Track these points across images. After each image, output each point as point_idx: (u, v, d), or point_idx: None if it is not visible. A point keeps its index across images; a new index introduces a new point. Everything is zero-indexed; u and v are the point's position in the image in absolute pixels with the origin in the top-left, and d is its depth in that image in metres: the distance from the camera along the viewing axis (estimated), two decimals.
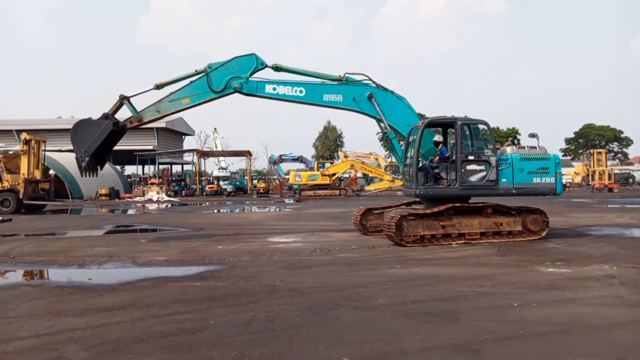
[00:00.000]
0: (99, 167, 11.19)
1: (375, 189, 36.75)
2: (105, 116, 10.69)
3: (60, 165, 34.44)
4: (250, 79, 10.77)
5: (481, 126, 10.24)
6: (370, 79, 10.99)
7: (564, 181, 45.14)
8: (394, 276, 6.72)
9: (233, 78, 10.65)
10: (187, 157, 55.00)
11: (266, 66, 10.90)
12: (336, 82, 10.96)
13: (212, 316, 4.89)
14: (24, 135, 22.67)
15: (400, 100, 11.03)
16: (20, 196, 21.07)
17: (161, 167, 50.04)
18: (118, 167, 48.33)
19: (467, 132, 10.13)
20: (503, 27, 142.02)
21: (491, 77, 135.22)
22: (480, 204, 9.90)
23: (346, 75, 10.97)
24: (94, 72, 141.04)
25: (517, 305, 5.11)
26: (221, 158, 49.82)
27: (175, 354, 3.88)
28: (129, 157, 48.16)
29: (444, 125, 10.81)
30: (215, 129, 55.34)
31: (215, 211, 23.12)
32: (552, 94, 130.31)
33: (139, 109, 10.85)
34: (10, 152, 26.26)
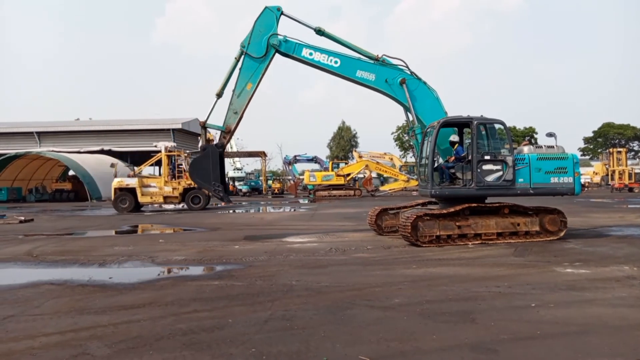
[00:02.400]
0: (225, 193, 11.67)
1: (390, 189, 36.62)
2: (203, 148, 11.31)
3: (80, 167, 35.07)
4: (289, 39, 11.00)
5: (497, 125, 10.16)
6: (406, 66, 11.04)
7: (582, 181, 44.25)
8: (410, 276, 6.73)
9: (270, 37, 10.90)
10: None
11: (282, 12, 11.07)
12: (372, 61, 11.02)
13: (230, 314, 4.96)
14: (209, 136, 24.47)
15: (431, 92, 11.03)
16: (207, 194, 22.94)
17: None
18: (135, 168, 48.96)
19: (484, 132, 10.06)
20: (519, 24, 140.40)
21: (507, 75, 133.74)
22: (497, 204, 9.83)
23: (383, 56, 11.05)
24: (110, 73, 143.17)
25: (534, 305, 5.08)
26: (236, 159, 50.13)
27: (196, 351, 3.95)
28: (146, 158, 48.76)
29: (460, 124, 10.75)
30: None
31: (231, 211, 23.30)
32: (570, 93, 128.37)
33: (219, 124, 11.21)
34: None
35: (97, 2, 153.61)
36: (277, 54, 11.14)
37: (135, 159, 50.45)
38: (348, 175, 37.39)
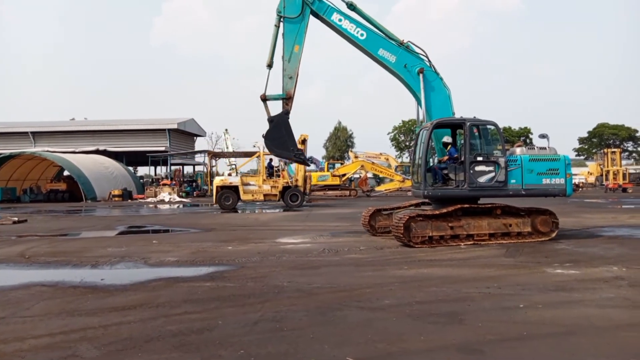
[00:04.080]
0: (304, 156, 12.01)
1: (385, 190, 36.69)
2: (271, 120, 11.22)
3: (75, 167, 34.94)
4: (323, 0, 11.12)
5: (490, 127, 10.23)
6: (427, 58, 11.10)
7: (577, 181, 44.27)
8: (401, 277, 6.76)
9: None
10: (199, 158, 55.37)
11: None
12: (396, 44, 11.13)
13: (221, 316, 4.98)
14: (303, 136, 24.92)
15: (445, 90, 11.08)
16: (303, 190, 24.73)
17: (173, 168, 50.47)
18: (131, 168, 48.86)
19: (476, 133, 10.12)
20: (516, 25, 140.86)
21: (504, 75, 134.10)
22: (489, 205, 9.89)
23: (408, 42, 11.16)
24: (105, 73, 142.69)
25: (523, 306, 5.13)
26: (232, 159, 50.10)
27: (185, 352, 3.97)
28: (142, 159, 48.67)
29: (453, 126, 10.80)
30: (226, 129, 55.44)
31: (226, 212, 23.29)
32: (565, 93, 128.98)
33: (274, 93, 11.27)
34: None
35: (95, 1, 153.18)
36: (312, 17, 11.26)
37: (131, 159, 50.38)
38: (344, 175, 37.44)
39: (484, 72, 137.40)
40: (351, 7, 11.31)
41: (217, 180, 23.85)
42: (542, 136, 11.04)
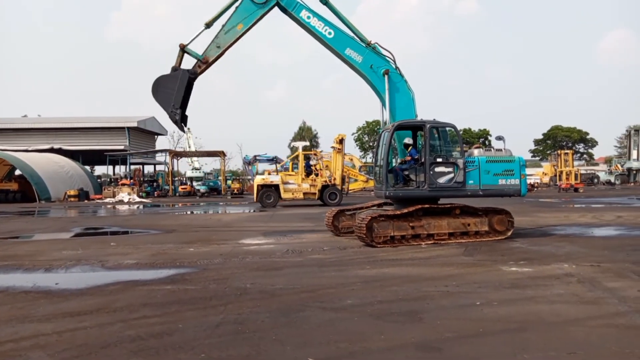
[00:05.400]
0: (183, 124, 11.43)
1: (350, 190, 36.93)
2: (174, 69, 10.93)
3: (27, 166, 33.48)
4: None
5: (449, 129, 10.50)
6: (394, 60, 11.23)
7: (532, 181, 45.97)
8: (363, 277, 6.85)
9: None
10: (160, 157, 54.20)
11: None
12: (364, 44, 11.21)
13: (181, 319, 4.90)
14: (341, 136, 25.35)
15: (409, 92, 11.26)
16: (341, 189, 25.21)
17: (132, 167, 49.16)
18: (88, 168, 47.21)
19: (436, 135, 10.38)
20: (476, 29, 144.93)
21: (464, 78, 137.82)
22: (449, 205, 10.15)
23: (375, 43, 11.26)
24: (60, 69, 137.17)
25: (479, 304, 5.30)
26: (194, 158, 49.25)
27: (144, 358, 3.89)
28: (99, 158, 47.19)
29: (414, 127, 11.01)
30: (189, 128, 54.59)
31: (188, 212, 22.90)
32: (522, 96, 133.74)
33: (199, 52, 11.03)
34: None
35: None
36: (277, 8, 11.22)
37: (88, 158, 48.70)
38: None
39: (444, 74, 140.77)
40: (323, 1, 11.38)
41: (258, 179, 24.61)
42: (499, 138, 11.44)
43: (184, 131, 11.53)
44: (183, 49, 11.01)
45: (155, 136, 58.68)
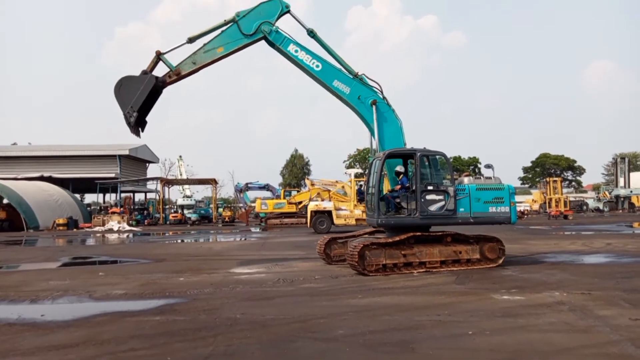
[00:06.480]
0: (140, 128, 11.22)
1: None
2: (144, 72, 10.82)
3: (15, 194, 33.14)
4: (280, 31, 11.24)
5: (439, 157, 10.63)
6: (381, 90, 11.40)
7: (522, 209, 46.18)
8: (355, 306, 6.79)
9: (263, 23, 11.10)
10: (151, 185, 53.91)
11: (289, 11, 11.40)
12: (351, 76, 11.38)
13: (170, 352, 4.81)
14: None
15: (397, 121, 11.37)
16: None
17: (123, 195, 48.80)
18: (77, 196, 46.80)
19: (427, 163, 10.49)
20: (464, 60, 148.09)
21: (453, 107, 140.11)
22: (440, 233, 10.18)
23: (362, 75, 11.43)
24: (53, 96, 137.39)
25: (471, 333, 5.27)
26: (186, 186, 49.09)
27: None
28: (90, 185, 46.87)
29: (405, 156, 11.13)
30: (180, 156, 54.65)
31: (179, 241, 22.67)
32: (510, 125, 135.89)
33: (174, 64, 11.02)
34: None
35: (42, 22, 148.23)
36: (264, 42, 11.39)
37: (79, 186, 48.33)
38: (300, 203, 37.42)
39: (434, 103, 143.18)
40: (311, 34, 11.60)
41: (312, 205, 25.50)
42: (488, 166, 11.58)
43: (138, 136, 11.23)
44: (158, 56, 11.01)
45: (147, 164, 58.53)
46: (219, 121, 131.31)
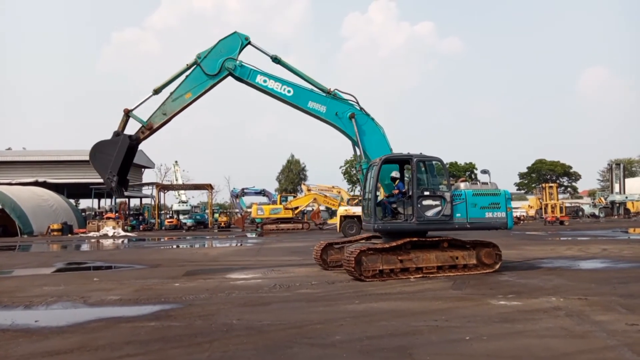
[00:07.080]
0: (122, 188, 11.18)
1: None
2: (117, 134, 10.77)
3: (9, 199, 32.91)
4: (245, 64, 11.12)
5: (435, 162, 10.64)
6: (356, 101, 11.36)
7: (518, 214, 46.39)
8: (352, 312, 6.76)
9: (226, 60, 10.98)
10: (147, 190, 53.78)
11: (249, 42, 11.27)
12: (324, 94, 11.29)
13: (165, 358, 4.77)
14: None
15: (378, 129, 11.38)
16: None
17: (118, 200, 48.60)
18: (72, 201, 46.55)
19: (423, 169, 10.50)
20: (461, 66, 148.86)
21: (449, 112, 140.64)
22: (437, 238, 10.17)
23: (335, 90, 11.35)
24: (47, 101, 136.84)
25: (469, 338, 5.25)
26: (182, 191, 48.98)
27: None
28: (84, 191, 46.64)
29: (401, 161, 11.14)
30: (176, 161, 54.61)
31: (174, 246, 22.57)
32: (507, 131, 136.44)
33: (145, 118, 10.94)
34: None
35: (39, 25, 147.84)
36: (231, 78, 11.27)
37: (73, 191, 48.10)
38: (296, 208, 37.48)
39: (430, 110, 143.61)
40: (276, 60, 11.44)
41: (341, 210, 26.51)
42: (484, 172, 11.58)
43: (123, 196, 11.47)
44: (127, 114, 10.89)
45: (142, 169, 58.39)
46: (215, 126, 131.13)
